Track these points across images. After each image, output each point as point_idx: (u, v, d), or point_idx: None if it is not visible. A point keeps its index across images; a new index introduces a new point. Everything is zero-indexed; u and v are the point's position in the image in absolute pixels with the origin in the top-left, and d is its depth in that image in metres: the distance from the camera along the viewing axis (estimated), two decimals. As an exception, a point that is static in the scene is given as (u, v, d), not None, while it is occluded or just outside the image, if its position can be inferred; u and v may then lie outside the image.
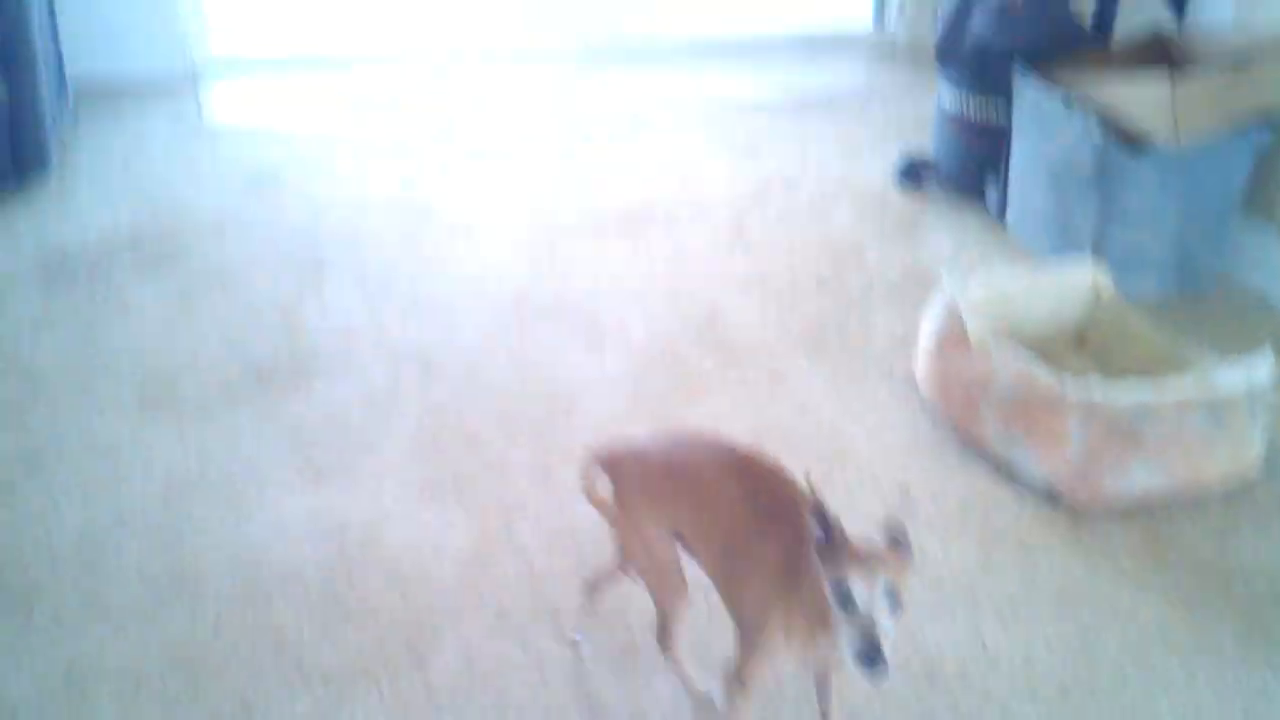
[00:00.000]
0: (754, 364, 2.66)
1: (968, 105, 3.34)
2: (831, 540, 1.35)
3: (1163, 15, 3.34)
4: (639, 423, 2.42)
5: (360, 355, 2.59)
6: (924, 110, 4.06)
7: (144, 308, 2.69)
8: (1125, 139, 2.84)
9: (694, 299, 2.91)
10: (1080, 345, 2.64)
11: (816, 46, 4.61)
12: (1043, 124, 3.00)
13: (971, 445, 2.37)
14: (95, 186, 3.20)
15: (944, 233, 3.28)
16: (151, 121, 3.62)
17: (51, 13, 3.41)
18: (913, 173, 3.55)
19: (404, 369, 2.56)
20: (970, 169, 3.41)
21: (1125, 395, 2.16)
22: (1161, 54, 3.13)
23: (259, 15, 4.57)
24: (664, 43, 4.48)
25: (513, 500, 2.17)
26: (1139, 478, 2.19)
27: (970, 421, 2.33)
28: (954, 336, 2.40)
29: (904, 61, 4.57)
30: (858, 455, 2.34)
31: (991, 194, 3.35)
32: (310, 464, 2.25)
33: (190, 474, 2.20)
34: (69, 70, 3.68)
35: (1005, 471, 2.29)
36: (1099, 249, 2.88)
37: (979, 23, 3.22)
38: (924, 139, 3.83)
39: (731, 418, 2.45)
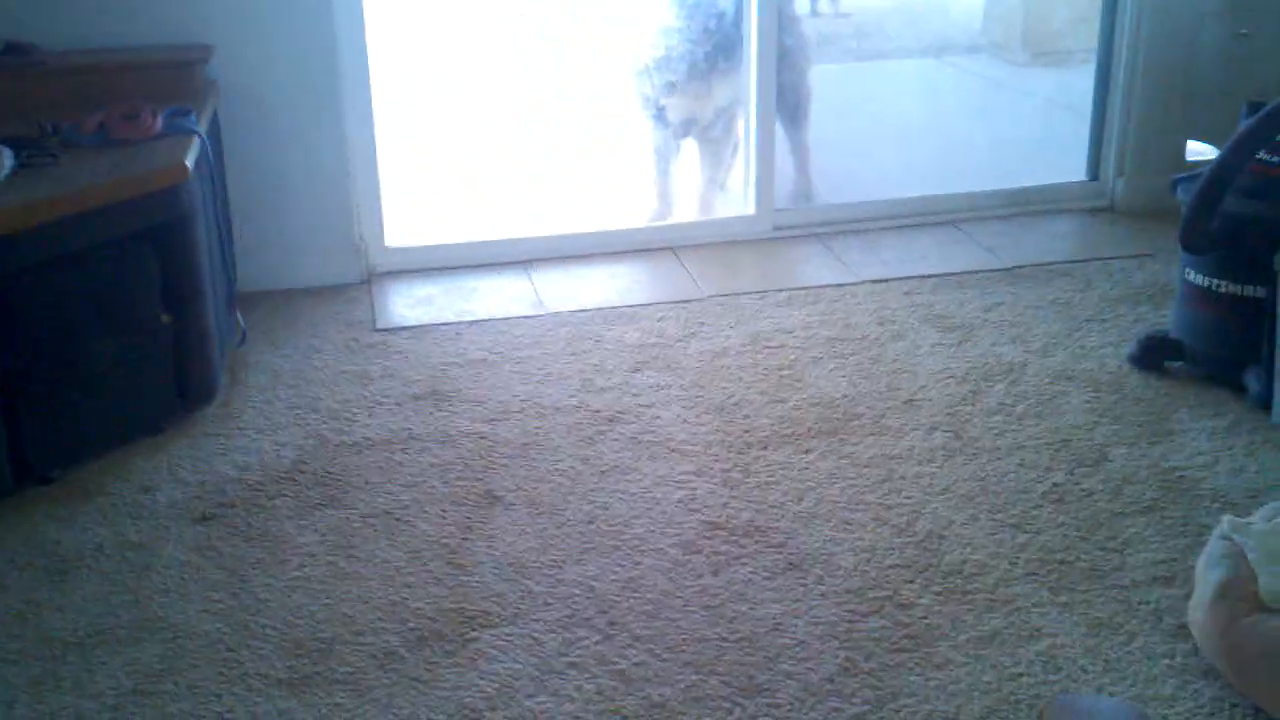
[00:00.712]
0: (986, 602, 2.27)
1: (1219, 281, 2.92)
2: None
3: None
4: (854, 685, 2.05)
5: (531, 605, 2.30)
6: (1153, 276, 3.65)
7: (301, 555, 2.46)
8: None
9: (909, 518, 2.54)
10: (1395, 581, 2.17)
11: (1025, 204, 4.24)
12: (1317, 306, 2.57)
13: (1275, 725, 1.92)
14: (261, 411, 3.03)
15: (1199, 428, 2.85)
16: (323, 332, 3.46)
17: (225, 234, 3.30)
18: (1152, 354, 3.12)
19: (579, 621, 2.25)
20: (1224, 351, 2.98)
21: None
22: None
23: (438, 211, 4.45)
24: (858, 210, 4.18)
25: (708, 804, 1.83)
26: None
27: (1274, 699, 1.88)
28: (1241, 588, 1.97)
29: (1124, 219, 4.16)
30: (1129, 737, 1.92)
31: (1252, 381, 2.90)
32: (474, 753, 1.95)
33: (338, 769, 1.92)
34: (242, 285, 3.60)
35: (1325, 763, 1.84)
36: (1402, 453, 2.41)
37: (1231, 199, 2.82)
38: (1157, 311, 3.42)
39: (967, 680, 2.06)
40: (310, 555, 2.47)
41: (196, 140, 2.99)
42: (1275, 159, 2.86)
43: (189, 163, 2.85)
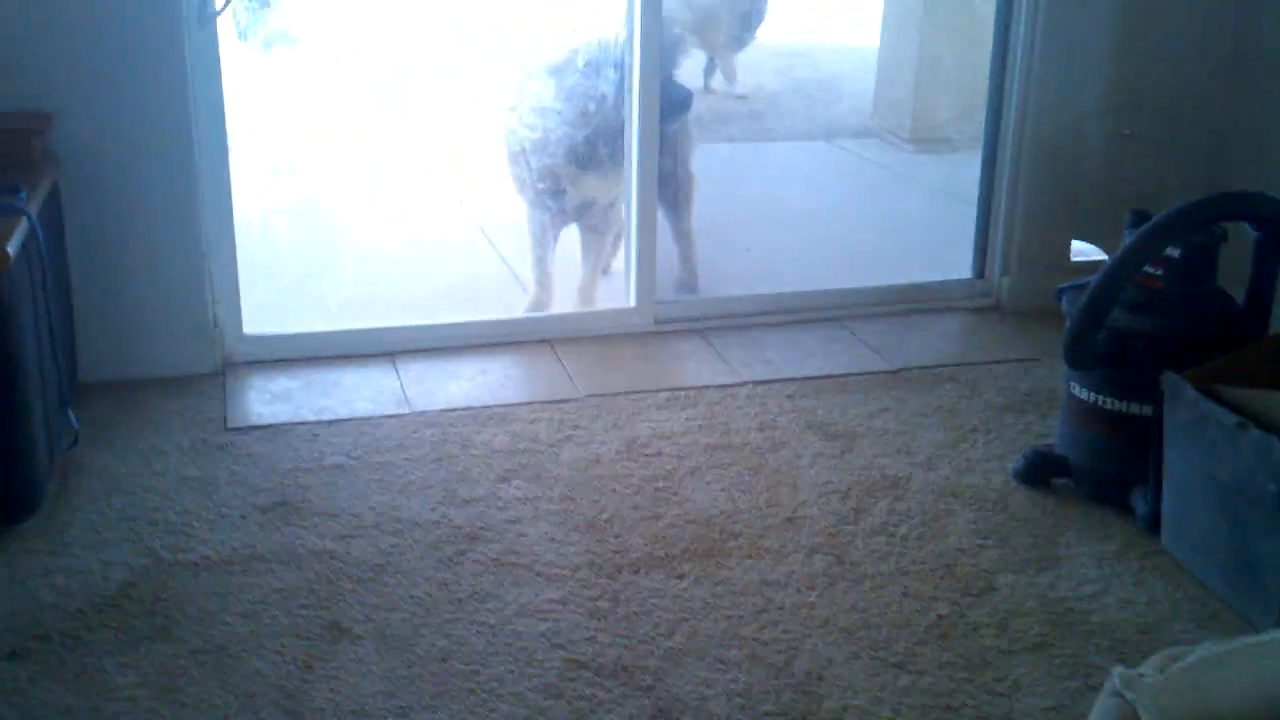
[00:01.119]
0: (867, 761, 2.12)
1: (1105, 397, 2.83)
2: None
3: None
4: None
5: (374, 761, 2.09)
6: (1039, 383, 3.58)
7: (119, 700, 2.22)
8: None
9: (787, 655, 2.39)
10: (1291, 737, 2.06)
11: (911, 301, 4.16)
12: (1205, 438, 2.48)
13: None
14: (90, 525, 2.77)
15: (1087, 553, 2.74)
16: (168, 430, 3.22)
17: (60, 323, 3.05)
18: (1038, 470, 3.03)
19: (427, 782, 2.04)
20: (1110, 469, 2.89)
21: None
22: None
23: (299, 299, 4.21)
24: (742, 305, 4.06)
25: None
26: None
27: None
28: (1135, 755, 1.84)
29: (1010, 319, 4.09)
30: None
31: (1139, 502, 2.82)
32: None
33: None
34: (84, 375, 3.35)
35: None
36: (1294, 594, 2.32)
37: (1117, 313, 2.74)
38: (1043, 420, 3.33)
39: None
40: (130, 699, 2.22)
41: (24, 221, 2.74)
42: (1160, 272, 2.79)
43: (11, 249, 2.60)
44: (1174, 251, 2.75)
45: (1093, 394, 2.86)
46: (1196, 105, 4.06)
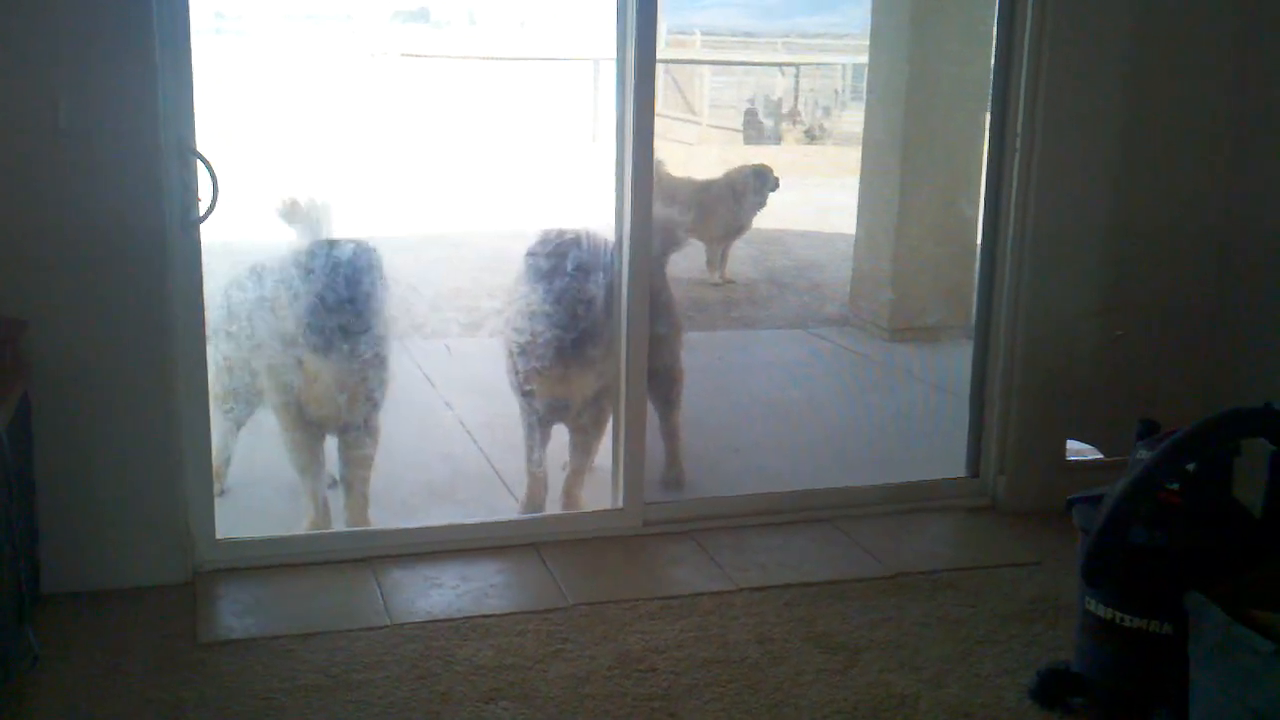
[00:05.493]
0: None
1: (1124, 615, 2.72)
2: None
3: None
4: None
5: None
6: (1043, 589, 3.47)
7: None
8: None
9: None
10: None
11: (904, 500, 4.05)
12: (1237, 663, 2.36)
13: None
14: (44, 757, 2.58)
15: (1112, 785, 2.59)
16: (134, 647, 3.03)
17: (24, 537, 2.89)
18: (1053, 690, 2.89)
19: None
20: (1129, 688, 2.76)
21: None
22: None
23: (276, 500, 4.05)
24: (731, 505, 3.95)
25: None
26: None
27: None
28: None
29: (1007, 520, 3.99)
30: None
31: (1164, 726, 2.67)
32: None
33: None
34: (48, 585, 3.19)
35: None
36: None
37: (1134, 529, 2.64)
38: (1050, 631, 3.21)
39: None
40: None
41: (-11, 440, 2.62)
42: (1177, 486, 2.71)
43: (-26, 471, 2.48)
44: (1190, 465, 2.67)
45: (1111, 610, 2.74)
46: (1189, 304, 4.04)
